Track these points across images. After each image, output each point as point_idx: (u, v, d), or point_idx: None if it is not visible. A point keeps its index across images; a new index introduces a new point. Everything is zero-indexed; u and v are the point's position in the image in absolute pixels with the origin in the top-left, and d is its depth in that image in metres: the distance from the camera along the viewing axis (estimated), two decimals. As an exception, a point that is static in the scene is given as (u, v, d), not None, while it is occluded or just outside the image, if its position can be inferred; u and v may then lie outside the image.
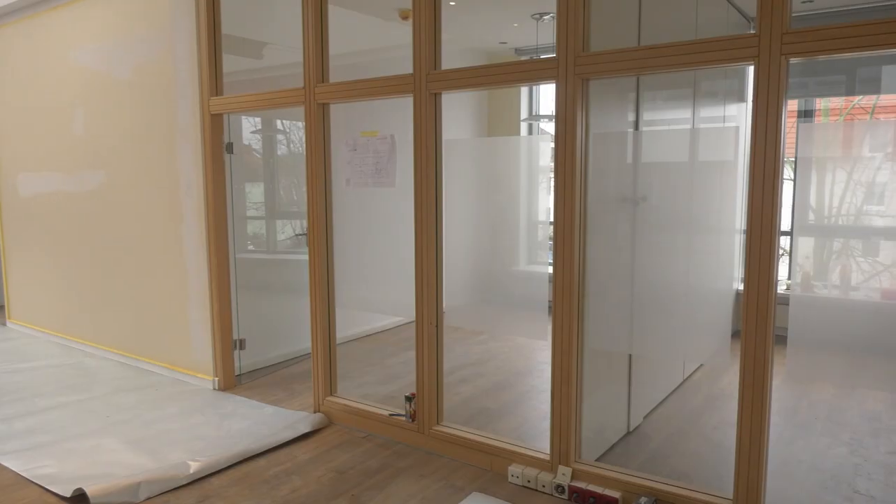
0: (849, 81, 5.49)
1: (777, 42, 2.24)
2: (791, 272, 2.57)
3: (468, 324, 3.53)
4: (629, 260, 3.00)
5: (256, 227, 5.11)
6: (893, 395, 4.05)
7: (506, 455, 3.05)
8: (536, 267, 3.24)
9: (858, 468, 3.11)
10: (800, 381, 4.26)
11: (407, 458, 3.22)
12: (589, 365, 2.92)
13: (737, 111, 5.03)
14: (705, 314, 3.03)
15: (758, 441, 2.43)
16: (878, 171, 2.36)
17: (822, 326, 2.44)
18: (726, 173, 2.75)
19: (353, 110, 3.56)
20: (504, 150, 3.40)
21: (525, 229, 3.31)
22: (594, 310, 2.85)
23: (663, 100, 3.82)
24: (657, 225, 2.96)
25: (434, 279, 3.19)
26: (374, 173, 3.33)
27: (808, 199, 2.47)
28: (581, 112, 2.68)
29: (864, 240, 2.49)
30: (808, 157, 2.41)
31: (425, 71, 3.05)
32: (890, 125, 3.02)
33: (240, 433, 3.46)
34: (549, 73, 2.71)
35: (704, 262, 3.05)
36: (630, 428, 3.52)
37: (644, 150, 3.05)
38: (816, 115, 6.11)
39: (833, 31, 2.15)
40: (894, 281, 2.40)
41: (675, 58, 2.44)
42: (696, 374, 4.51)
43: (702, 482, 2.96)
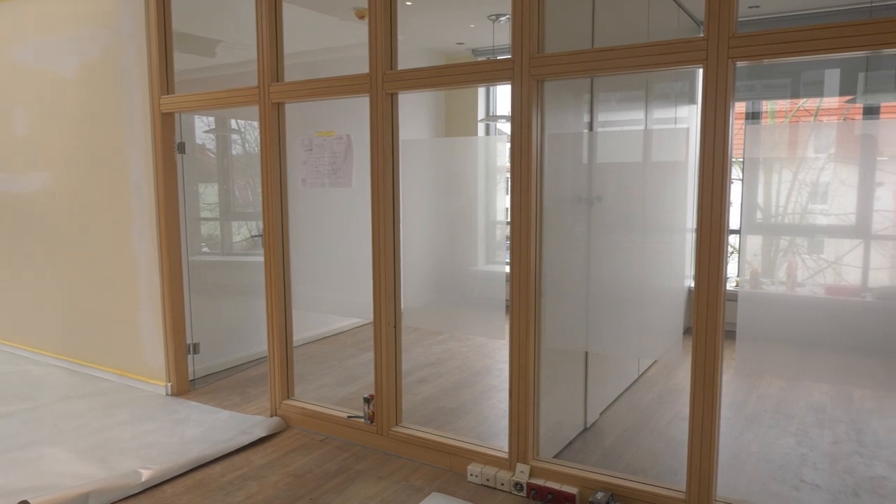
0: (793, 84, 5.67)
1: (724, 46, 2.30)
2: (740, 269, 2.64)
3: (427, 324, 3.52)
4: (584, 259, 3.04)
5: (211, 229, 5.01)
6: (837, 388, 4.20)
7: (465, 454, 3.06)
8: (495, 267, 3.26)
9: (805, 458, 3.22)
10: (749, 375, 4.39)
11: (366, 460, 3.20)
12: (546, 363, 2.95)
13: (688, 113, 5.15)
14: (659, 311, 3.09)
15: (709, 434, 2.50)
16: (822, 172, 2.44)
17: (769, 322, 2.51)
18: (678, 173, 2.81)
19: (310, 110, 3.52)
20: (461, 151, 3.40)
21: (483, 229, 3.33)
22: (551, 309, 2.88)
23: (617, 101, 3.89)
24: (612, 224, 3.01)
25: (392, 280, 3.18)
26: (331, 173, 3.30)
27: (755, 199, 2.54)
28: (536, 113, 2.71)
29: (809, 238, 2.57)
30: (755, 158, 2.48)
31: (381, 71, 3.04)
32: (832, 127, 3.13)
33: (194, 439, 3.38)
34: (505, 74, 2.73)
35: (657, 260, 3.12)
36: (587, 424, 3.57)
37: (598, 151, 3.10)
38: (763, 117, 6.31)
39: (777, 36, 2.22)
40: (838, 277, 2.48)
41: (628, 60, 2.48)
42: (650, 370, 4.60)
43: (656, 476, 3.03)
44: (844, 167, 2.40)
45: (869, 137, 2.42)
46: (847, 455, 3.25)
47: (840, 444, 3.38)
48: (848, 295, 2.46)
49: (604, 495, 2.66)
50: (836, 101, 6.14)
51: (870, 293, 2.41)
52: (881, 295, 2.39)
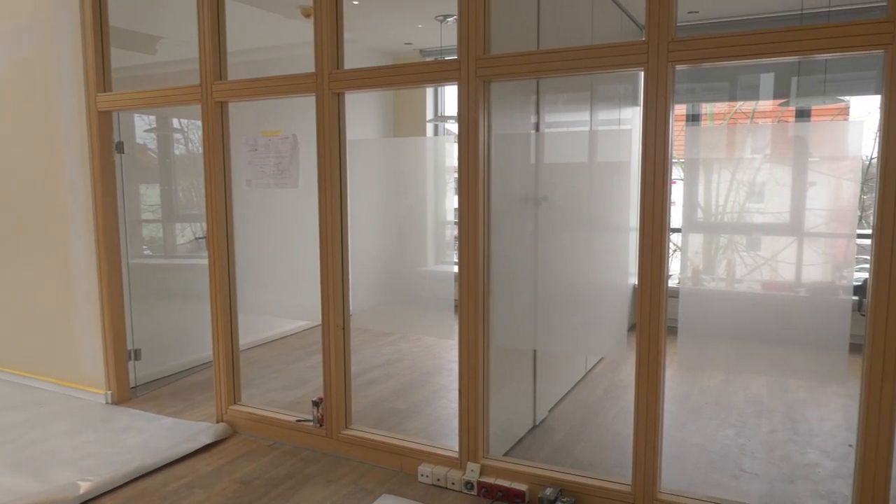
0: (731, 88, 5.88)
1: (664, 49, 2.36)
2: (682, 267, 2.72)
3: (377, 325, 3.51)
4: (532, 258, 3.08)
5: (153, 231, 4.86)
6: (773, 380, 4.37)
7: (416, 455, 3.06)
8: (444, 267, 3.27)
9: (744, 448, 3.33)
10: (691, 369, 4.52)
11: (315, 464, 3.16)
12: (495, 362, 2.97)
13: (631, 114, 5.27)
14: (605, 309, 3.15)
15: (653, 428, 2.56)
16: (758, 172, 2.53)
17: (709, 317, 2.59)
18: (621, 174, 2.87)
19: (255, 109, 3.45)
20: (410, 151, 3.40)
21: (433, 229, 3.33)
22: (499, 308, 2.90)
23: (563, 103, 3.95)
24: (558, 224, 3.05)
25: (340, 281, 3.15)
26: (277, 174, 3.25)
27: (696, 198, 2.62)
28: (483, 113, 2.72)
29: (747, 235, 2.65)
30: (695, 159, 2.56)
31: (328, 70, 3.00)
32: (767, 129, 3.25)
33: (135, 448, 3.28)
34: (452, 74, 2.74)
35: (603, 259, 3.18)
36: (536, 421, 3.62)
37: (545, 152, 3.14)
38: (703, 119, 6.51)
39: (714, 41, 2.30)
40: (774, 273, 2.58)
41: (572, 62, 2.52)
42: (597, 366, 4.69)
43: (604, 470, 3.09)
44: (779, 167, 2.49)
45: (801, 139, 2.52)
46: (783, 444, 3.38)
47: (776, 434, 3.51)
48: (783, 290, 2.56)
49: (552, 491, 2.70)
50: (771, 103, 6.39)
51: (803, 288, 2.51)
52: (813, 290, 2.50)
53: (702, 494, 2.61)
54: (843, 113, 6.32)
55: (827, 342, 2.37)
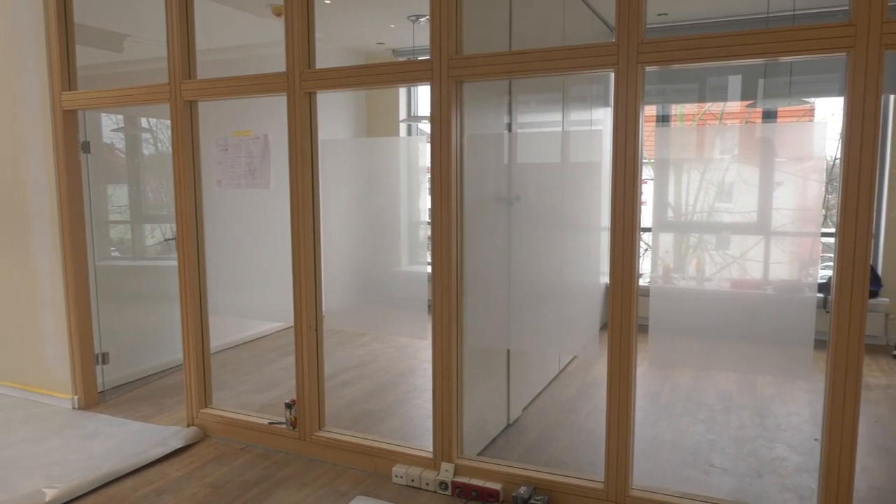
0: (700, 89, 5.96)
1: (634, 51, 2.39)
2: (653, 266, 2.75)
3: (350, 326, 3.49)
4: (505, 258, 3.09)
5: (121, 232, 4.77)
6: (742, 376, 4.45)
7: (390, 456, 3.05)
8: (418, 267, 3.26)
9: (713, 444, 3.39)
10: (662, 367, 4.58)
11: (288, 467, 3.13)
12: (469, 362, 2.98)
13: (603, 115, 5.32)
14: (577, 308, 3.17)
15: (625, 426, 2.59)
16: (727, 172, 2.57)
17: (679, 315, 2.63)
18: (593, 174, 2.90)
19: (225, 109, 3.41)
20: (383, 151, 3.39)
21: (406, 229, 3.33)
22: (473, 308, 2.91)
23: (535, 103, 3.97)
24: (531, 223, 3.07)
25: (312, 282, 3.12)
26: (248, 174, 3.21)
27: (666, 198, 2.65)
28: (456, 114, 2.72)
29: (716, 234, 2.70)
30: (665, 159, 2.59)
31: (299, 69, 2.98)
32: (735, 130, 3.30)
33: (104, 454, 3.21)
34: (424, 74, 2.74)
35: (575, 258, 3.20)
36: (510, 421, 3.63)
37: (517, 152, 3.15)
38: (673, 120, 6.60)
39: (683, 43, 2.33)
40: (742, 271, 2.62)
41: (543, 63, 2.54)
42: (570, 365, 4.73)
43: (577, 468, 3.11)
44: (747, 168, 2.53)
45: (767, 140, 2.57)
46: (752, 439, 3.44)
47: (745, 429, 3.57)
48: (751, 288, 2.61)
49: (526, 490, 2.71)
50: (739, 105, 6.50)
51: (770, 286, 2.56)
52: (780, 287, 2.54)
53: (673, 490, 2.65)
54: (809, 114, 6.46)
55: (793, 339, 2.42)
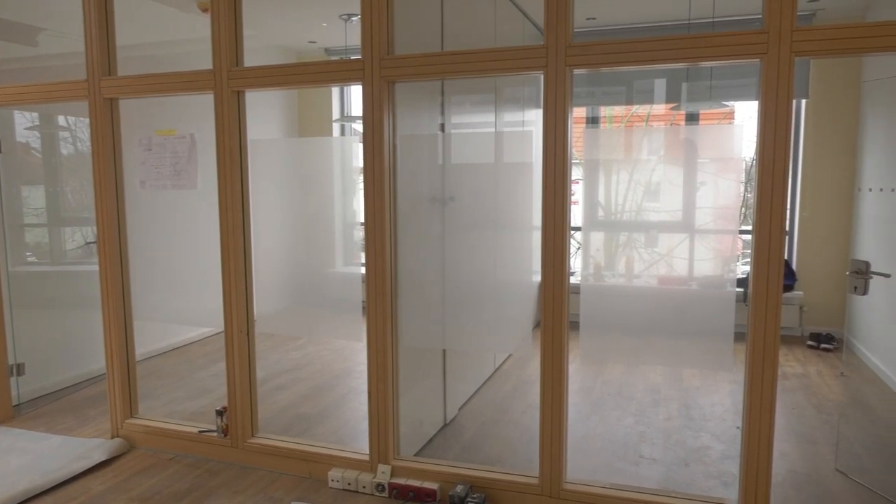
0: (628, 92, 6.15)
1: (562, 54, 2.44)
2: (584, 264, 2.81)
3: (283, 329, 3.42)
4: (440, 258, 3.10)
5: (38, 236, 4.52)
6: (670, 370, 4.61)
7: (325, 460, 3.01)
8: (353, 268, 3.23)
9: (643, 435, 3.50)
10: (594, 363, 4.70)
11: (220, 476, 3.05)
12: (405, 362, 2.97)
13: (535, 116, 5.41)
14: (511, 307, 3.22)
15: (558, 422, 2.64)
16: (654, 172, 2.65)
17: (610, 312, 2.70)
18: (524, 174, 2.94)
19: (150, 107, 3.29)
20: (316, 151, 3.34)
21: (341, 230, 3.29)
22: (407, 308, 2.90)
23: (469, 104, 4.00)
24: (465, 223, 3.09)
25: (243, 285, 3.05)
26: (173, 174, 3.11)
27: (596, 198, 2.72)
28: (388, 114, 2.71)
29: (644, 233, 2.78)
30: (594, 160, 2.66)
31: (226, 68, 2.90)
32: (661, 132, 3.42)
33: (20, 470, 3.04)
34: (355, 74, 2.71)
35: (509, 257, 3.24)
36: (447, 420, 3.65)
37: (451, 152, 3.17)
38: (602, 122, 6.78)
39: (608, 46, 2.39)
40: (669, 268, 2.71)
41: (475, 64, 2.56)
42: (505, 363, 4.79)
43: (513, 465, 3.15)
44: (672, 168, 2.62)
45: (690, 142, 2.67)
46: (678, 429, 3.58)
47: (672, 420, 3.71)
48: (677, 284, 2.70)
49: (463, 488, 2.73)
50: (664, 107, 6.74)
51: (695, 282, 2.66)
52: (704, 283, 2.65)
53: (605, 482, 2.72)
54: (729, 117, 6.76)
55: (715, 332, 2.53)
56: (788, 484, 2.95)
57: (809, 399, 4.06)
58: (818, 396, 4.10)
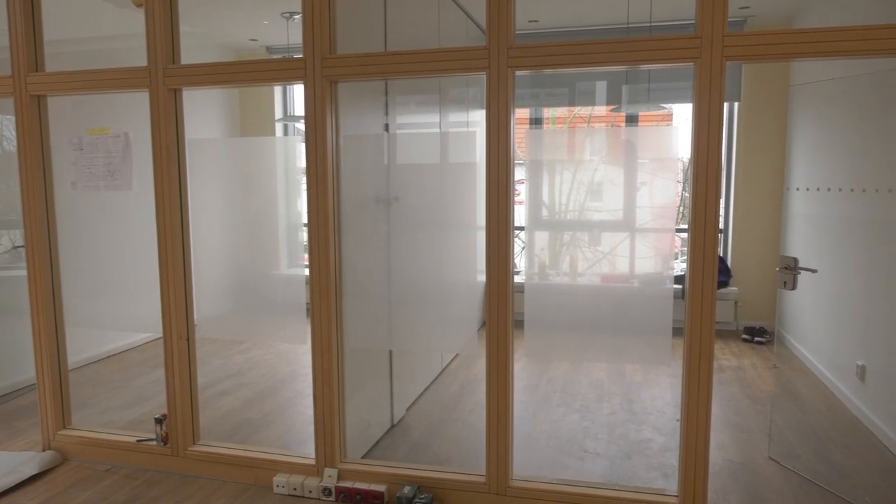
0: (571, 94, 6.26)
1: (504, 55, 2.46)
2: (528, 263, 2.85)
3: (226, 334, 3.34)
4: (385, 259, 3.08)
5: (-40, 240, 4.30)
6: (613, 366, 4.72)
7: (270, 466, 2.95)
8: (298, 270, 3.19)
9: (587, 430, 3.57)
10: (539, 361, 4.76)
11: (160, 486, 2.95)
12: (351, 364, 2.95)
13: (479, 117, 5.45)
14: (457, 306, 3.23)
15: (504, 419, 2.66)
16: (596, 172, 2.71)
17: (554, 310, 2.74)
18: (468, 174, 2.96)
19: (83, 105, 3.16)
20: (259, 151, 3.27)
21: (285, 232, 3.23)
22: (353, 309, 2.88)
23: (413, 104, 4.00)
24: (410, 224, 3.08)
25: (182, 289, 2.97)
26: (107, 175, 3.00)
27: (540, 197, 2.75)
28: (331, 114, 2.69)
29: (588, 232, 2.83)
30: (538, 160, 2.69)
31: (162, 65, 2.82)
32: (602, 133, 3.49)
33: (-58, 488, 2.88)
34: (297, 73, 2.68)
35: (454, 257, 3.26)
36: (394, 421, 3.63)
37: (395, 152, 3.16)
38: (545, 123, 6.88)
39: (549, 49, 2.43)
40: (611, 266, 2.77)
41: (418, 64, 2.56)
42: (453, 363, 4.80)
43: (461, 464, 3.17)
44: (613, 168, 2.68)
45: (630, 143, 2.73)
46: (621, 423, 3.66)
47: (615, 415, 3.79)
48: (619, 282, 2.77)
49: (410, 489, 2.72)
50: (605, 109, 6.89)
51: (636, 279, 2.73)
52: (644, 280, 2.72)
53: (551, 478, 2.76)
54: (667, 119, 6.97)
55: (655, 328, 2.60)
56: (725, 473, 3.05)
57: (744, 390, 4.22)
58: (752, 388, 4.27)
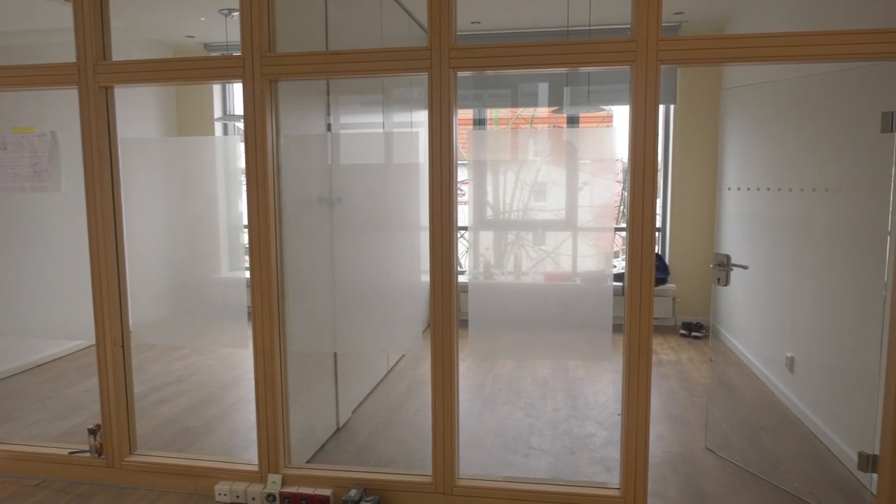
0: (513, 95, 6.33)
1: (445, 56, 2.47)
2: (473, 263, 2.86)
3: (164, 339, 3.24)
4: (328, 260, 3.05)
5: None
6: (556, 363, 4.80)
7: (212, 474, 2.88)
8: (239, 273, 3.12)
9: (532, 427, 3.61)
10: (483, 359, 4.80)
11: (94, 499, 2.84)
12: (294, 368, 2.90)
13: (423, 117, 5.44)
14: (402, 307, 3.22)
15: (450, 419, 2.67)
16: (539, 173, 2.74)
17: (498, 309, 2.77)
18: (412, 174, 2.95)
19: (6, 102, 3.01)
20: (197, 151, 3.18)
21: (226, 234, 3.16)
22: (296, 312, 2.84)
23: (358, 104, 3.96)
24: (354, 225, 3.06)
25: (116, 294, 2.86)
26: (33, 176, 2.86)
27: (484, 198, 2.77)
28: (271, 113, 2.64)
29: (532, 231, 2.87)
30: (482, 161, 2.71)
31: (92, 61, 2.71)
32: (545, 134, 3.54)
33: None
34: (235, 72, 2.62)
35: (399, 258, 3.25)
36: (340, 424, 3.60)
37: (338, 153, 3.12)
38: (489, 124, 6.94)
39: (490, 50, 2.45)
40: (555, 265, 2.82)
41: (359, 64, 2.54)
42: (399, 364, 4.79)
43: (407, 465, 3.16)
44: (555, 169, 2.73)
45: (571, 144, 2.78)
46: (565, 419, 3.72)
47: (559, 411, 3.86)
48: (562, 280, 2.81)
49: (357, 492, 2.70)
50: (547, 111, 7.00)
51: (578, 277, 2.78)
52: (586, 278, 2.77)
53: (496, 476, 2.78)
54: (608, 120, 7.13)
55: (596, 324, 2.65)
56: (665, 464, 3.15)
57: (682, 384, 4.35)
58: (690, 381, 4.41)
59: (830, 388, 3.12)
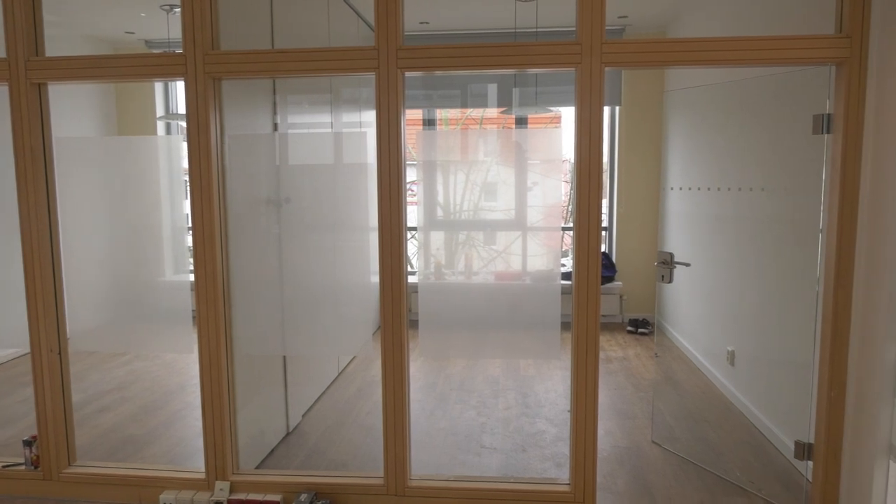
0: (463, 95, 6.36)
1: (393, 56, 2.46)
2: (424, 263, 2.86)
3: (104, 346, 3.13)
4: (276, 262, 3.00)
5: None
6: (507, 361, 4.84)
7: (157, 483, 2.80)
8: (184, 276, 3.04)
9: (484, 426, 3.64)
10: (433, 359, 4.81)
11: (30, 514, 2.73)
12: (242, 372, 2.84)
13: (372, 117, 5.41)
14: (352, 308, 3.19)
15: (401, 420, 2.66)
16: (489, 173, 2.76)
17: (448, 309, 2.77)
18: (360, 175, 2.93)
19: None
20: (138, 151, 3.09)
21: (170, 236, 3.07)
22: (243, 315, 2.78)
23: (306, 104, 3.91)
24: (302, 225, 3.02)
25: (52, 299, 2.75)
26: (-40, 177, 2.73)
27: (434, 198, 2.77)
28: (214, 112, 2.58)
29: (482, 231, 2.88)
30: (431, 161, 2.71)
31: (24, 57, 2.60)
32: (494, 134, 3.56)
33: None
34: (177, 70, 2.55)
35: (348, 259, 3.22)
36: (289, 428, 3.54)
37: (286, 153, 3.08)
38: (438, 124, 6.96)
39: (438, 51, 2.46)
40: (506, 265, 2.84)
41: (305, 63, 2.51)
42: (350, 366, 4.75)
43: (359, 467, 3.14)
44: (505, 169, 2.75)
45: (519, 144, 2.81)
46: (516, 417, 3.76)
47: (510, 409, 3.89)
48: (512, 279, 2.84)
49: (307, 496, 2.67)
50: (496, 111, 7.06)
51: (528, 276, 2.81)
52: (535, 277, 2.80)
53: (448, 475, 2.79)
54: (556, 121, 7.23)
55: (545, 323, 2.69)
56: (613, 458, 3.21)
57: (629, 379, 4.45)
58: (636, 377, 4.52)
59: (769, 380, 3.25)
